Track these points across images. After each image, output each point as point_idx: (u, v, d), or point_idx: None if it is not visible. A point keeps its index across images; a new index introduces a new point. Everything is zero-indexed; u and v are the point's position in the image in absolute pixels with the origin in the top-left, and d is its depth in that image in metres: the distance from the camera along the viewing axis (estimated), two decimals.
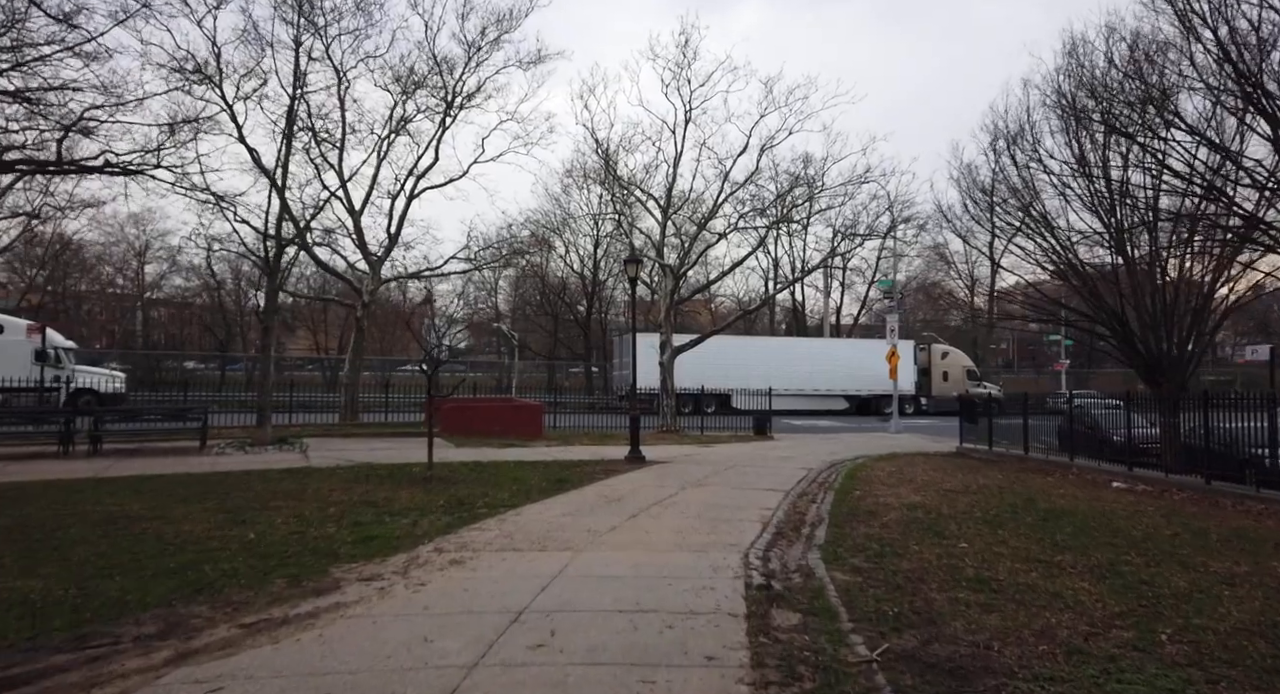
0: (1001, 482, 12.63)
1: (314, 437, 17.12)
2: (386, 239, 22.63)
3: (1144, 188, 16.12)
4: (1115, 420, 16.36)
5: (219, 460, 12.95)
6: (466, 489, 10.42)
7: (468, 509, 8.84)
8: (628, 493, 10.52)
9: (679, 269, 25.25)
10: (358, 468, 12.40)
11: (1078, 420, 17.90)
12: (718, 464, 14.58)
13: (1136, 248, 16.97)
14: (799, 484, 12.10)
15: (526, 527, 7.83)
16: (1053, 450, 16.95)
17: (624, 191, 25.58)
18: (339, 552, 6.41)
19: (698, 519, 8.55)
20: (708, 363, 29.21)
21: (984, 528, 8.10)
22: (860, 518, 8.95)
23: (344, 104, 21.08)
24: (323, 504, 8.87)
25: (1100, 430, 17.13)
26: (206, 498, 9.11)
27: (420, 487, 10.56)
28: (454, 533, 7.43)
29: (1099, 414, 18.67)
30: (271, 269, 14.72)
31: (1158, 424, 14.24)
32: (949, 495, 10.72)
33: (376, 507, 8.82)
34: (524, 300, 49.01)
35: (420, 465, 12.23)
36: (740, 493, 10.83)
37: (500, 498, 9.75)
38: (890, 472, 14.13)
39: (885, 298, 34.98)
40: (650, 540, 7.28)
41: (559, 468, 13.28)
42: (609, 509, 9.07)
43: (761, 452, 17.55)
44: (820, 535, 7.81)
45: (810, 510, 9.70)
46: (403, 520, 8.04)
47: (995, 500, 10.16)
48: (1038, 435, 17.49)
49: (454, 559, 6.25)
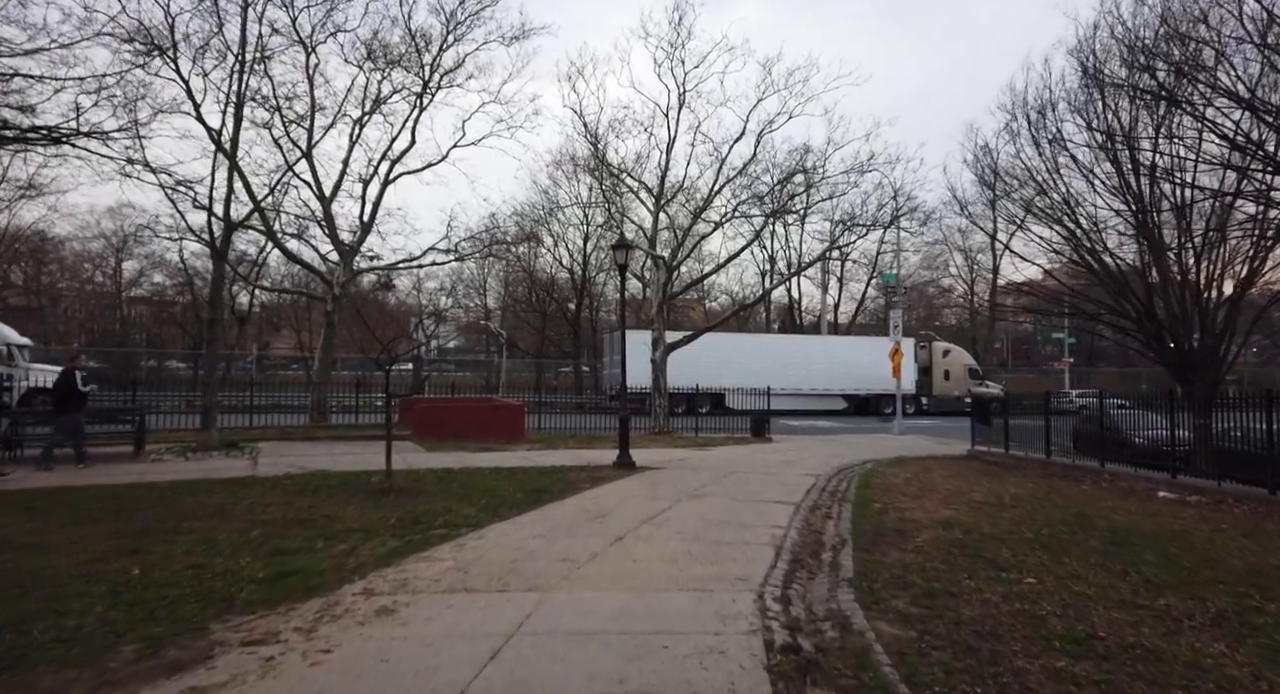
0: (1034, 491, 11.27)
1: (272, 440, 15.61)
2: (359, 227, 21.13)
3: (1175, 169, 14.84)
4: (1137, 421, 15.08)
5: (151, 468, 11.43)
6: (427, 503, 8.97)
7: (422, 530, 7.40)
8: (614, 507, 9.09)
9: (672, 262, 23.85)
10: (309, 477, 10.92)
11: (1094, 421, 16.71)
12: (715, 470, 13.18)
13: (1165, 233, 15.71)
14: (808, 494, 10.71)
15: (488, 555, 6.39)
16: (1070, 453, 15.70)
17: (614, 180, 24.14)
18: (237, 596, 4.95)
19: (696, 541, 7.14)
20: (702, 361, 27.88)
21: (1043, 554, 6.71)
22: (889, 539, 7.56)
23: (313, 81, 19.60)
24: (248, 524, 7.41)
25: (1120, 432, 15.85)
26: (109, 518, 7.63)
27: (374, 500, 9.11)
28: (396, 564, 5.98)
29: (1119, 415, 17.36)
30: (219, 253, 13.14)
31: (1188, 425, 13.04)
32: (983, 509, 9.35)
33: (313, 527, 7.37)
34: (514, 299, 47.49)
35: (382, 473, 10.78)
36: (744, 506, 9.43)
37: (464, 515, 8.31)
38: (906, 479, 12.77)
39: (888, 292, 33.64)
40: (639, 574, 5.86)
41: (538, 476, 11.84)
42: (591, 529, 7.65)
43: (761, 455, 16.17)
44: (847, 564, 6.41)
45: (828, 528, 8.31)
46: (338, 546, 6.59)
47: (1040, 516, 8.79)
48: (1032, 435, 16.24)
49: (384, 607, 4.80)
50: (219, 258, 13.22)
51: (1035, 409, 17.63)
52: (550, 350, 45.27)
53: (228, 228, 13.30)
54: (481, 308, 50.56)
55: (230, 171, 13.12)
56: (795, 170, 22.49)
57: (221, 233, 13.26)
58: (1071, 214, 16.24)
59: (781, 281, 40.46)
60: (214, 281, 13.53)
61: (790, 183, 22.55)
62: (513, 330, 48.99)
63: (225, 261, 13.64)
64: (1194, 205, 14.65)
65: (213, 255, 13.32)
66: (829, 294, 43.05)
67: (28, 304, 46.02)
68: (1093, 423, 16.65)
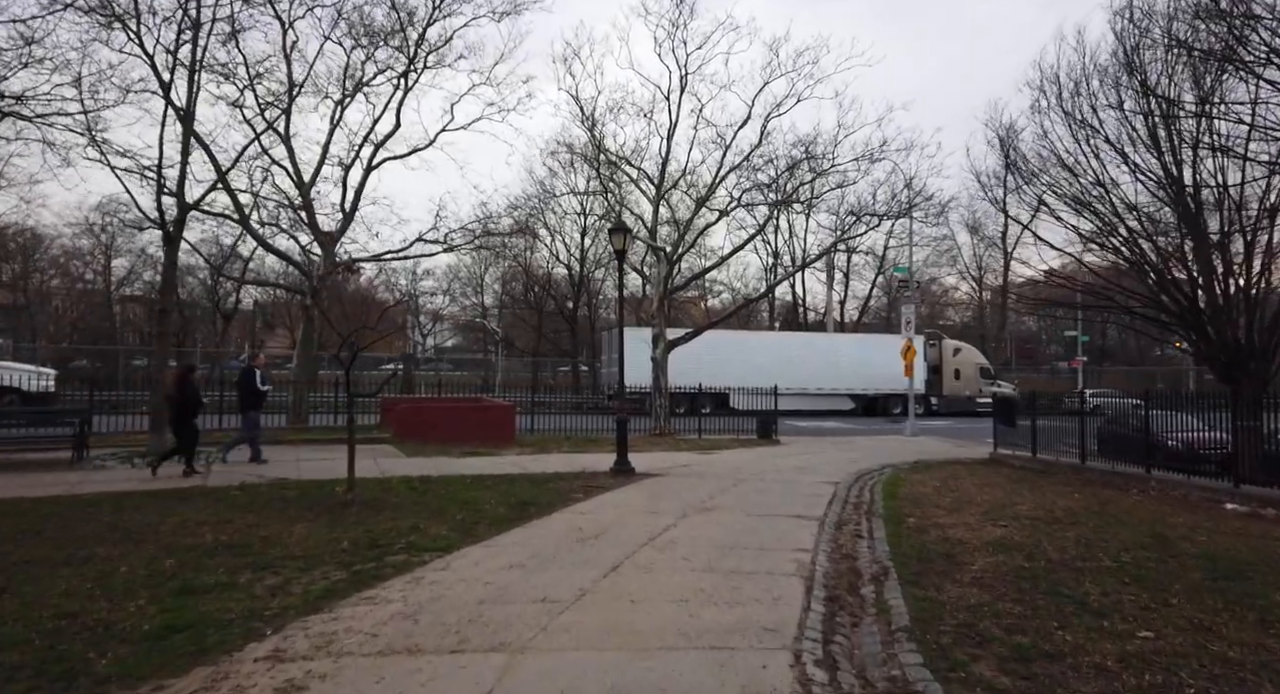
0: (1085, 503, 9.99)
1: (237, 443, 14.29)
2: (341, 216, 19.84)
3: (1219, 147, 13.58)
4: (1172, 423, 13.85)
5: (87, 478, 10.13)
6: (392, 520, 7.70)
7: (378, 556, 6.12)
8: (609, 524, 7.81)
9: (673, 254, 22.57)
10: (264, 488, 9.64)
11: (1119, 422, 15.49)
12: (723, 477, 11.92)
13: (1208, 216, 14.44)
14: (830, 507, 9.44)
15: (450, 593, 5.12)
16: (1100, 456, 14.48)
17: (612, 168, 22.86)
18: (94, 665, 3.67)
19: (709, 572, 5.87)
20: (704, 359, 26.62)
21: (1139, 591, 5.43)
22: (937, 566, 6.29)
23: (290, 59, 18.31)
24: (165, 551, 6.13)
25: (1152, 434, 14.58)
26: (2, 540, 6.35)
27: (331, 516, 7.83)
28: (329, 608, 4.70)
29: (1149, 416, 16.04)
30: (170, 236, 11.79)
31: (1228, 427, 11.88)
32: (1037, 526, 8.07)
33: (245, 554, 6.09)
34: (512, 296, 46.19)
35: (344, 482, 9.54)
36: (760, 522, 8.15)
37: (432, 535, 7.04)
38: (935, 487, 11.50)
39: (900, 287, 32.38)
40: (639, 622, 4.59)
41: (526, 485, 10.56)
42: (580, 555, 6.37)
43: (771, 460, 14.90)
44: (898, 605, 5.13)
45: (861, 551, 7.03)
46: (266, 581, 5.31)
47: (1108, 536, 7.51)
48: (1061, 438, 15.01)
49: (289, 684, 3.52)
50: (170, 241, 11.86)
51: (1053, 410, 16.49)
52: (547, 349, 43.98)
53: (182, 208, 11.97)
54: (479, 306, 49.24)
55: (185, 141, 11.74)
56: (804, 157, 21.22)
57: (175, 215, 11.94)
58: (1106, 196, 14.95)
59: (787, 276, 39.11)
60: (165, 268, 12.18)
61: (798, 169, 21.27)
62: (510, 329, 47.70)
63: (178, 246, 12.28)
64: (1245, 184, 13.37)
65: (164, 239, 11.99)
66: (834, 291, 41.76)
67: (14, 302, 44.87)
68: (1119, 424, 15.48)
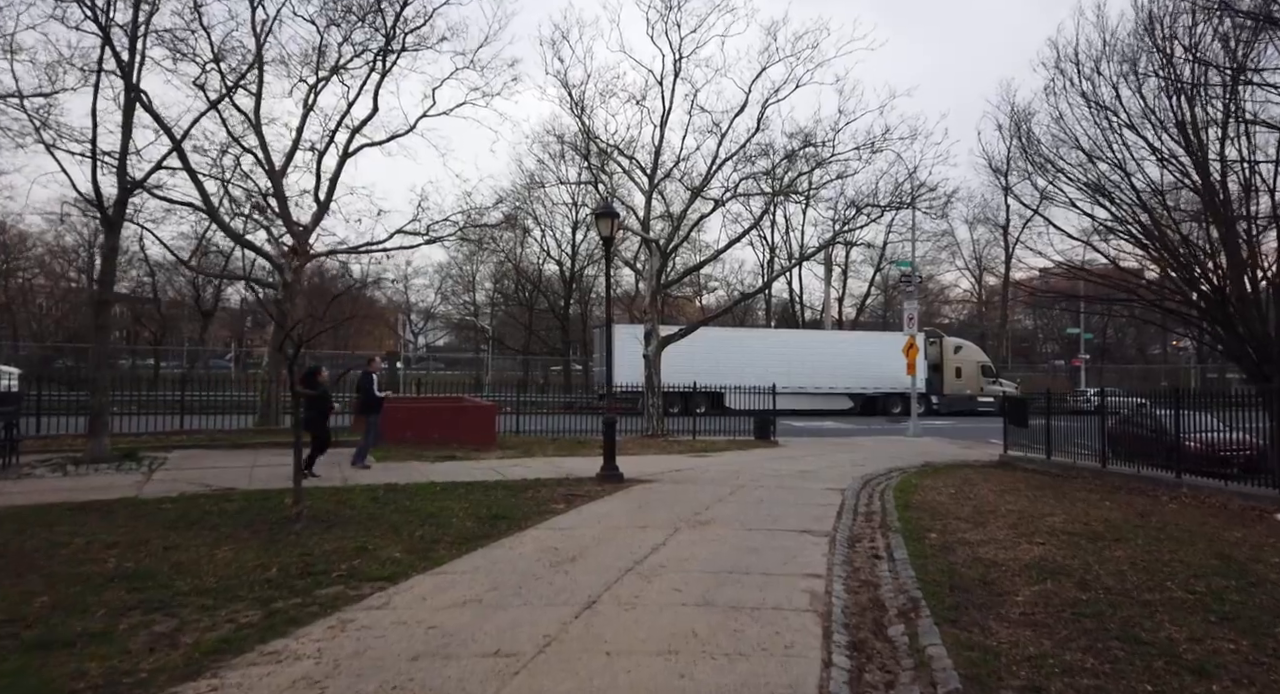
0: (1121, 514, 9.00)
1: (196, 447, 13.22)
2: (315, 206, 18.75)
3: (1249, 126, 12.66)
4: (1191, 423, 12.94)
5: (4, 489, 9.02)
6: (338, 539, 6.65)
7: (306, 589, 5.08)
8: (589, 543, 6.78)
9: (667, 247, 21.55)
10: (204, 499, 8.57)
11: (1133, 423, 14.59)
12: (718, 483, 10.91)
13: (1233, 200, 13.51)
14: (840, 518, 8.44)
15: (376, 646, 4.08)
16: (1119, 459, 13.56)
17: (603, 157, 21.81)
18: None
19: (704, 608, 4.85)
20: (699, 357, 25.61)
21: (1235, 637, 4.41)
22: (974, 596, 5.29)
23: (260, 39, 17.20)
24: (47, 582, 5.07)
25: (1168, 434, 13.65)
26: None
27: (269, 534, 6.79)
28: (213, 672, 3.65)
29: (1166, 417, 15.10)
30: (109, 220, 10.63)
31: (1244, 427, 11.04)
32: (1078, 544, 7.08)
33: (146, 586, 5.04)
34: (504, 294, 45.07)
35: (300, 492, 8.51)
36: (763, 539, 7.14)
37: (381, 558, 6.00)
38: (951, 495, 10.51)
39: (902, 282, 31.42)
40: (616, 686, 3.56)
41: (502, 494, 9.53)
42: (551, 585, 5.34)
43: (770, 463, 13.91)
44: (938, 654, 4.11)
45: (882, 576, 6.03)
46: (154, 627, 4.26)
47: (1165, 556, 6.51)
48: (1076, 439, 14.22)
49: None
50: (110, 226, 10.71)
51: (1061, 410, 15.64)
52: (538, 347, 42.89)
53: (123, 189, 10.79)
54: (470, 304, 48.08)
55: (127, 111, 10.50)
56: (803, 145, 20.22)
57: (116, 195, 10.77)
58: (1127, 179, 13.99)
59: (785, 270, 38.05)
60: (105, 255, 10.98)
61: (798, 156, 20.27)
62: (502, 327, 46.61)
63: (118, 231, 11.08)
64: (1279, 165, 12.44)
65: (103, 222, 10.80)
66: (832, 287, 40.78)
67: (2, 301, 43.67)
68: (1134, 424, 14.58)
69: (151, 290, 37.68)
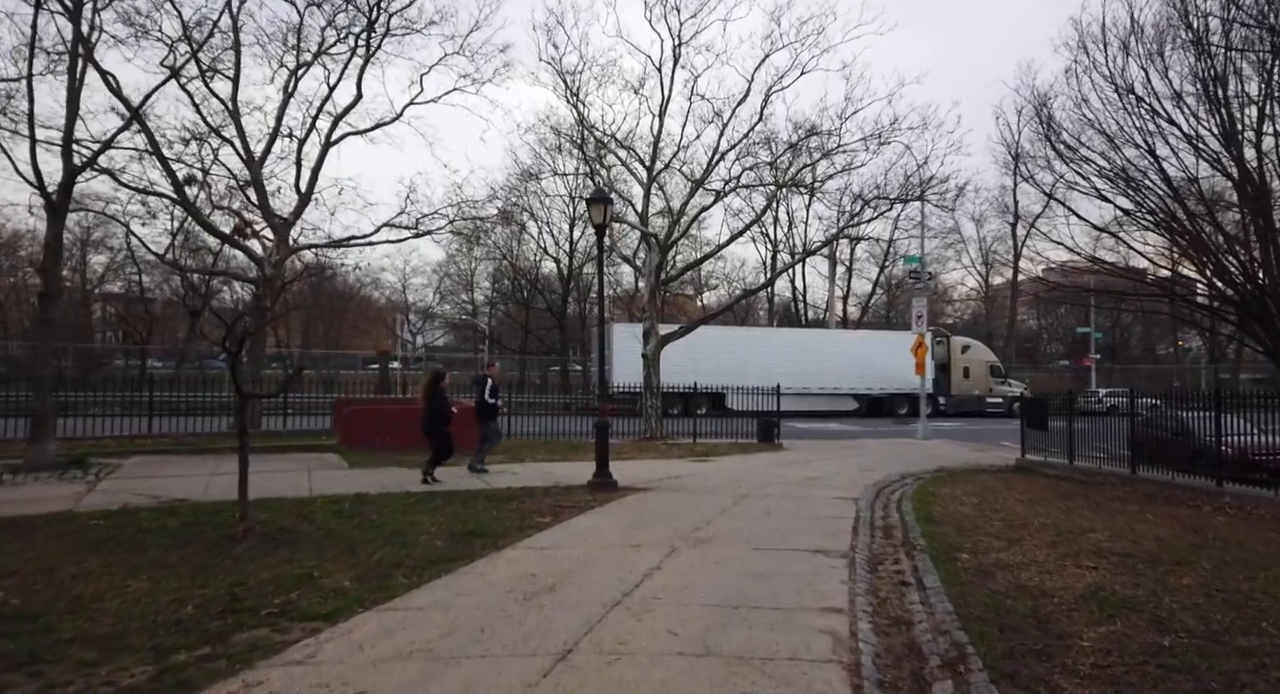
0: (1170, 529, 8.09)
1: (159, 452, 12.34)
2: (297, 197, 17.86)
3: None
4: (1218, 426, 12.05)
5: None
6: (283, 563, 5.75)
7: (222, 633, 4.19)
8: (573, 568, 5.88)
9: (666, 241, 20.65)
10: (146, 513, 7.67)
11: (1156, 425, 13.69)
12: (721, 492, 10.01)
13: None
14: (856, 534, 7.53)
15: None
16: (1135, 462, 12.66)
17: (599, 148, 20.91)
18: None
19: (705, 659, 3.95)
20: (699, 357, 24.76)
21: None
22: (1029, 640, 4.38)
23: (237, 20, 16.32)
24: None
25: (1195, 438, 12.74)
26: None
27: (206, 557, 5.89)
28: None
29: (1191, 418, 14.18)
30: (53, 205, 9.70)
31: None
32: (1134, 567, 6.17)
33: (30, 628, 4.15)
34: (503, 295, 44.17)
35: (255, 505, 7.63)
36: (772, 562, 6.24)
37: (325, 589, 5.11)
38: (974, 505, 9.61)
39: (910, 278, 30.49)
40: None
41: (482, 505, 8.64)
42: (520, 627, 4.43)
43: (776, 469, 13.02)
44: None
45: (913, 609, 5.12)
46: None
47: (1242, 584, 5.59)
48: (1096, 443, 13.39)
49: None
50: (53, 211, 9.77)
51: (1074, 412, 14.73)
52: (536, 347, 42.01)
53: (69, 170, 9.87)
54: (469, 303, 47.17)
55: (73, 79, 9.54)
56: (808, 133, 19.32)
57: (61, 178, 9.85)
58: (1157, 165, 13.09)
59: (788, 266, 37.08)
60: (48, 244, 10.03)
61: (803, 146, 19.37)
62: (501, 327, 45.75)
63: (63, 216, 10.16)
64: None
65: (46, 208, 9.88)
66: (836, 285, 39.84)
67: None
68: (1157, 427, 13.67)
69: (139, 289, 36.77)
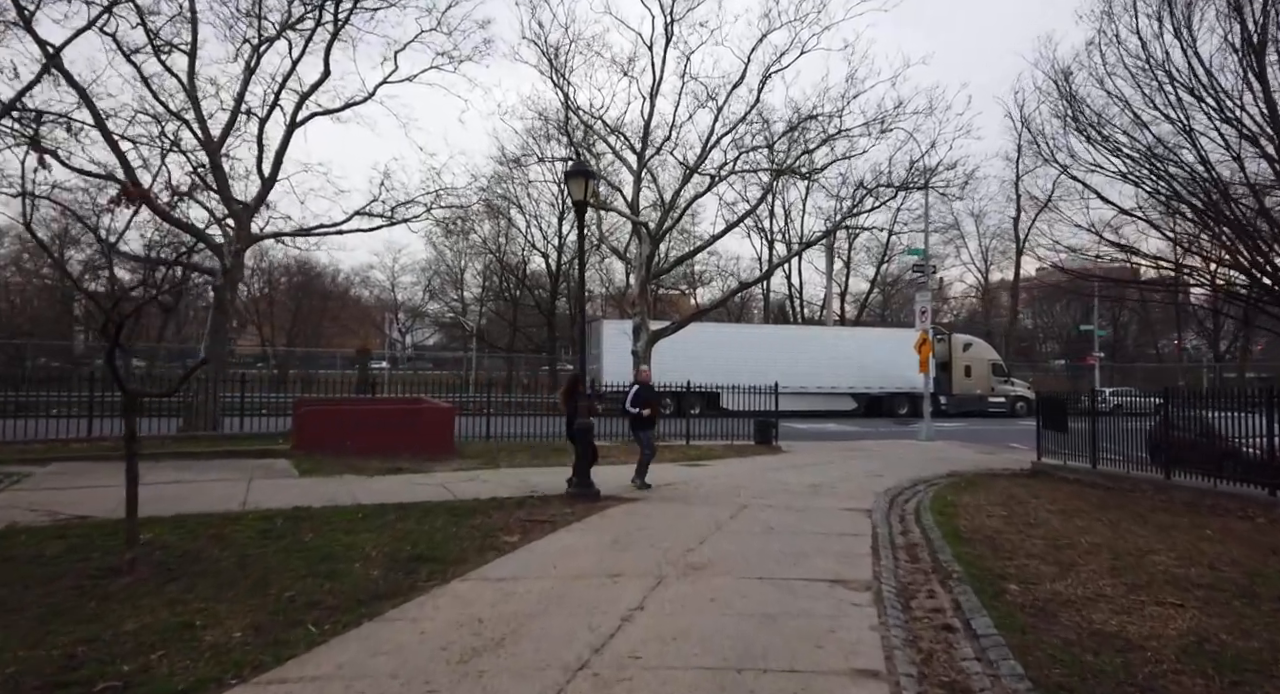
0: (1242, 548, 6.94)
1: (86, 458, 11.05)
2: (260, 181, 16.61)
3: None
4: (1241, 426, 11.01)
5: None
6: (164, 604, 4.53)
7: None
8: (533, 609, 4.67)
9: (658, 232, 19.45)
10: (25, 535, 6.40)
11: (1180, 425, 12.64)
12: (717, 503, 8.83)
13: None
14: (878, 558, 6.34)
15: None
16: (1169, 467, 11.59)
17: (586, 131, 19.71)
18: None
19: None
20: (693, 355, 23.64)
21: None
22: None
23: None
24: None
25: (1223, 439, 11.68)
26: None
27: (65, 595, 4.66)
28: None
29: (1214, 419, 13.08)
30: None
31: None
32: (1226, 601, 5.02)
33: None
34: (490, 292, 42.93)
35: (172, 524, 6.42)
36: (780, 596, 5.05)
37: (205, 645, 3.89)
38: (1004, 518, 8.45)
39: (913, 272, 29.40)
40: None
41: (441, 520, 7.42)
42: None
43: (776, 475, 11.84)
44: None
45: (968, 667, 3.93)
46: None
47: None
48: (1113, 445, 12.47)
49: None
50: None
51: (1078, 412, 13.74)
52: (525, 345, 40.76)
53: None
54: (458, 302, 45.88)
55: None
56: (808, 116, 18.15)
57: None
58: (1190, 139, 11.97)
59: (785, 259, 35.94)
60: None
61: (802, 129, 18.21)
62: (491, 325, 44.53)
63: None
64: None
65: None
66: (833, 282, 38.74)
67: None
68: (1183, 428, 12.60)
69: (109, 283, 35.32)
